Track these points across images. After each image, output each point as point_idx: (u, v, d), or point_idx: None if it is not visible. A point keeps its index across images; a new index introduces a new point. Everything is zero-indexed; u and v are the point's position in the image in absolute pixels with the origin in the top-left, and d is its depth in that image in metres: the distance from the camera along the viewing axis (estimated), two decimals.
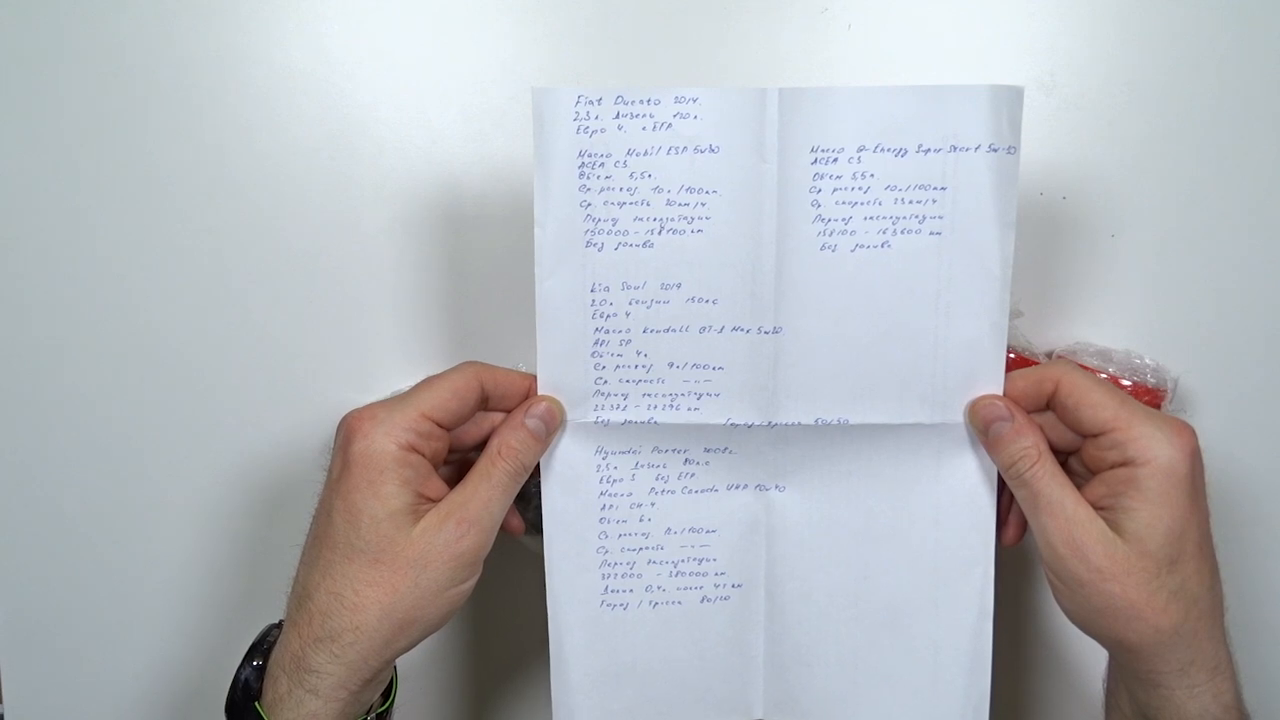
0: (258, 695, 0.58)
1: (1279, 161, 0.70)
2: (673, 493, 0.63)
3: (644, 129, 0.58)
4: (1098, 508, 0.56)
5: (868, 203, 0.58)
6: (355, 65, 0.72)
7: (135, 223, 0.73)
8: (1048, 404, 0.59)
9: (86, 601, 0.78)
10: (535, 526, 0.64)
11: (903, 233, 0.58)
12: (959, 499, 0.61)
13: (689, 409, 0.61)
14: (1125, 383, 0.69)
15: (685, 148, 0.58)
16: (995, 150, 0.57)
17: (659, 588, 0.64)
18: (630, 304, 0.60)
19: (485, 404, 0.61)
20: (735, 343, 0.60)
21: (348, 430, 0.58)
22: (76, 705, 0.79)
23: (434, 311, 0.74)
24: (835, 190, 0.58)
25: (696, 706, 0.65)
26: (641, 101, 0.58)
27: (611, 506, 0.63)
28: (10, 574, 0.77)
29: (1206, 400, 0.73)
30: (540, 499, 0.63)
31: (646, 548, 0.63)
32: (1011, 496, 0.60)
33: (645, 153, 0.59)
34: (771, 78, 0.72)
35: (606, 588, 0.63)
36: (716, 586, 0.64)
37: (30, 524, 0.77)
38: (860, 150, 0.58)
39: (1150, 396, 0.69)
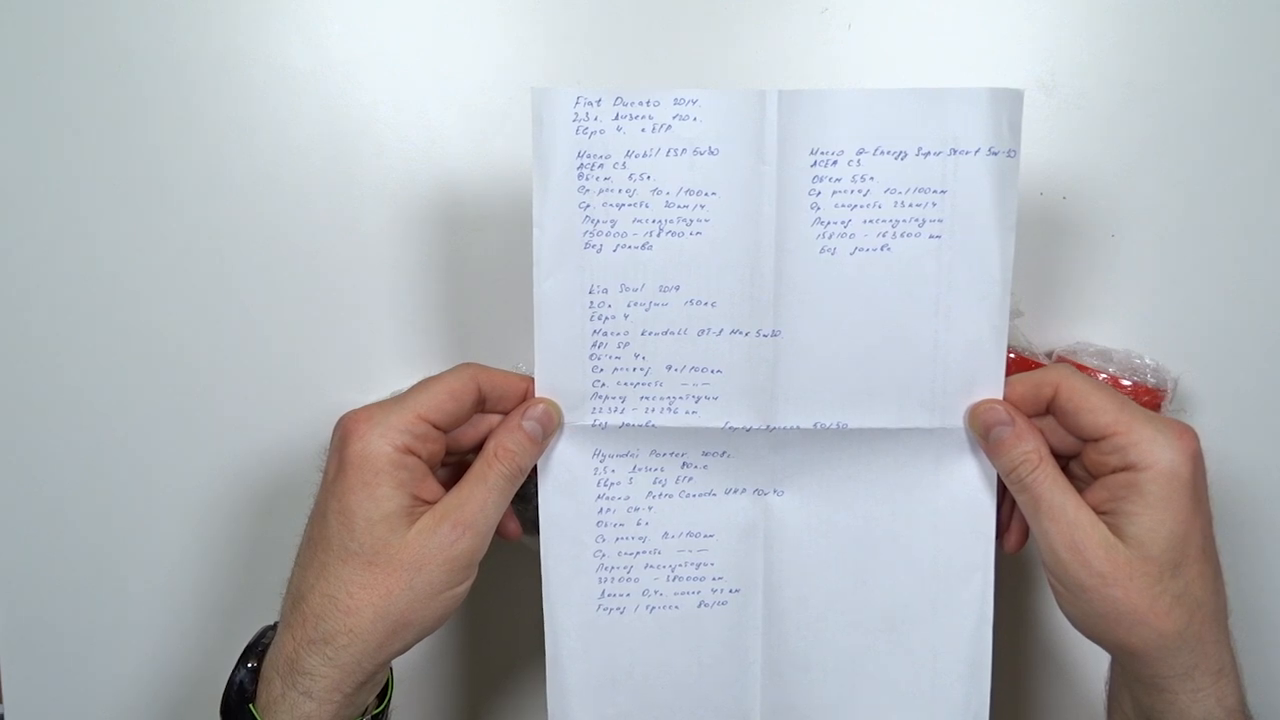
0: (252, 697, 0.58)
1: (1279, 161, 0.70)
2: (670, 496, 0.63)
3: (643, 130, 0.58)
4: (1099, 512, 0.56)
5: (867, 205, 0.58)
6: (355, 65, 0.72)
7: (135, 223, 0.73)
8: (1047, 408, 0.59)
9: (86, 601, 0.78)
10: (536, 527, 0.63)
11: (902, 236, 0.58)
12: (958, 504, 0.61)
13: (687, 412, 0.61)
14: (1125, 383, 0.69)
15: (684, 149, 0.58)
16: (995, 153, 0.57)
17: (656, 592, 0.63)
18: (629, 306, 0.60)
19: (482, 406, 0.61)
20: (734, 346, 0.60)
21: (344, 431, 0.57)
22: (76, 705, 0.79)
23: (433, 312, 0.74)
24: (835, 193, 0.58)
25: (694, 712, 0.64)
26: (641, 103, 0.58)
27: (609, 510, 0.62)
28: (10, 574, 0.77)
29: (1206, 400, 0.73)
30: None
31: (644, 552, 0.63)
32: (1013, 503, 0.60)
33: (644, 154, 0.58)
34: (771, 78, 0.71)
35: (603, 592, 0.63)
36: (714, 591, 0.64)
37: (30, 524, 0.77)
38: (860, 153, 0.57)
39: (1150, 397, 0.68)
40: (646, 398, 0.61)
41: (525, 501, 0.64)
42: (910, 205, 0.58)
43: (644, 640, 0.64)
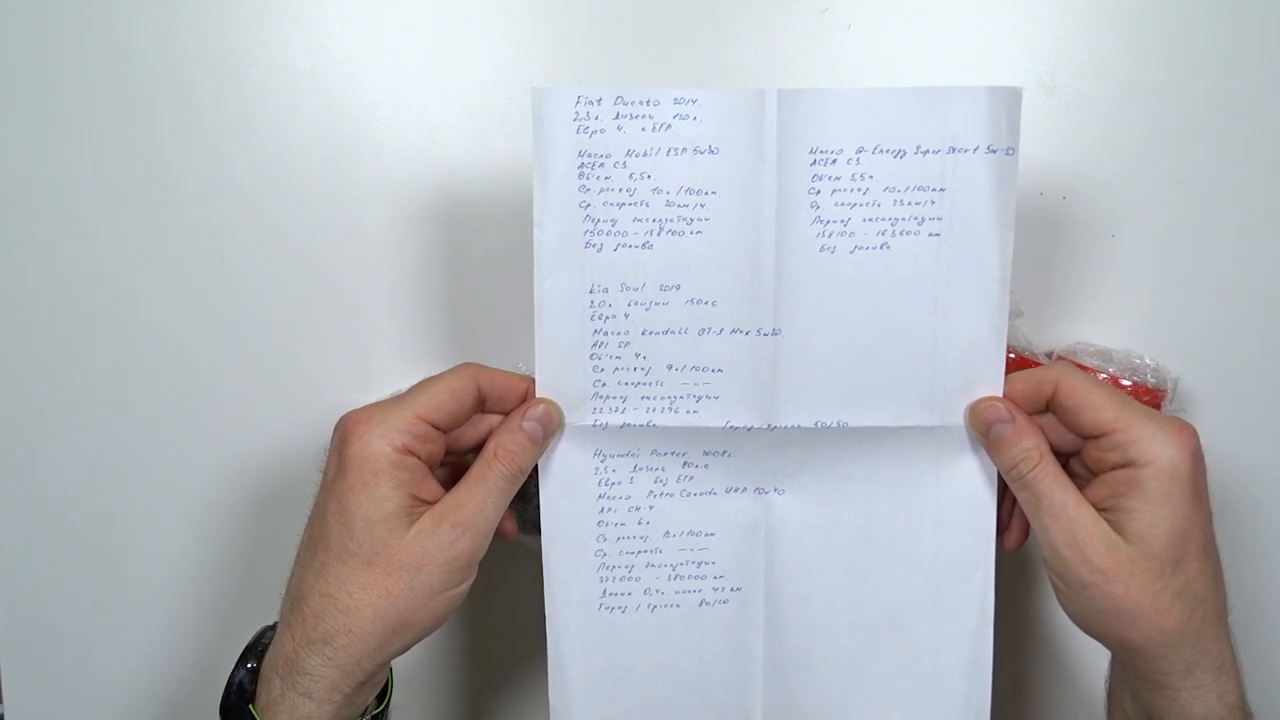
0: (252, 698, 0.58)
1: (1279, 161, 0.70)
2: (671, 496, 0.63)
3: (643, 129, 0.58)
4: (1100, 509, 0.56)
5: (866, 204, 0.58)
6: (355, 65, 0.72)
7: (135, 223, 0.73)
8: (1047, 406, 0.59)
9: (86, 601, 0.78)
10: (537, 526, 0.63)
11: (901, 234, 0.58)
12: (959, 502, 0.61)
13: (688, 411, 0.61)
14: (1125, 383, 0.69)
15: (684, 149, 0.58)
16: (994, 151, 0.57)
17: (658, 591, 0.63)
18: (629, 305, 0.60)
19: (483, 406, 0.61)
20: (734, 345, 0.60)
21: (344, 432, 0.57)
22: (76, 705, 0.79)
23: (433, 312, 0.74)
24: (834, 191, 0.58)
25: (695, 711, 0.64)
26: (641, 102, 0.58)
27: (610, 509, 0.62)
28: (10, 574, 0.77)
29: (1206, 400, 0.73)
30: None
31: (645, 551, 0.63)
32: (1014, 501, 0.60)
33: (645, 153, 0.58)
34: (771, 78, 0.71)
35: (605, 591, 0.63)
36: (715, 590, 0.64)
37: (30, 524, 0.77)
38: (859, 151, 0.57)
39: (1150, 396, 0.68)
40: (647, 397, 0.61)
41: (526, 501, 0.64)
42: (909, 203, 0.58)
43: (645, 639, 0.64)
